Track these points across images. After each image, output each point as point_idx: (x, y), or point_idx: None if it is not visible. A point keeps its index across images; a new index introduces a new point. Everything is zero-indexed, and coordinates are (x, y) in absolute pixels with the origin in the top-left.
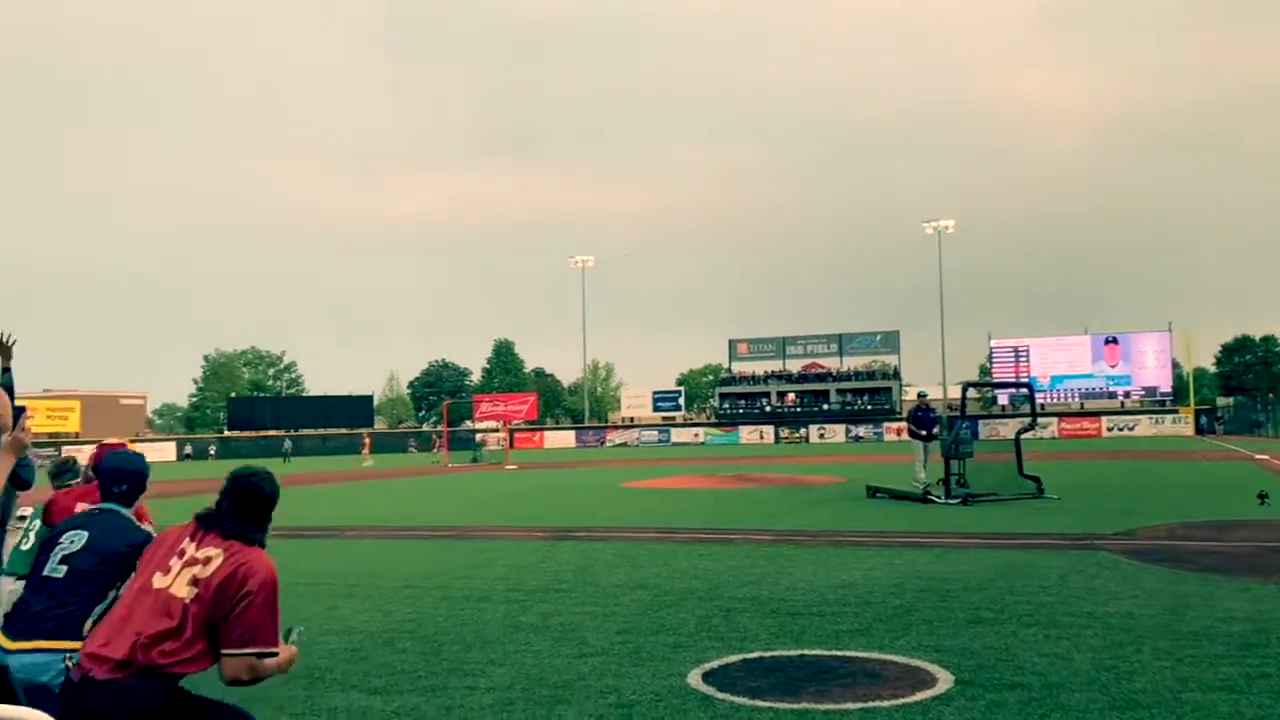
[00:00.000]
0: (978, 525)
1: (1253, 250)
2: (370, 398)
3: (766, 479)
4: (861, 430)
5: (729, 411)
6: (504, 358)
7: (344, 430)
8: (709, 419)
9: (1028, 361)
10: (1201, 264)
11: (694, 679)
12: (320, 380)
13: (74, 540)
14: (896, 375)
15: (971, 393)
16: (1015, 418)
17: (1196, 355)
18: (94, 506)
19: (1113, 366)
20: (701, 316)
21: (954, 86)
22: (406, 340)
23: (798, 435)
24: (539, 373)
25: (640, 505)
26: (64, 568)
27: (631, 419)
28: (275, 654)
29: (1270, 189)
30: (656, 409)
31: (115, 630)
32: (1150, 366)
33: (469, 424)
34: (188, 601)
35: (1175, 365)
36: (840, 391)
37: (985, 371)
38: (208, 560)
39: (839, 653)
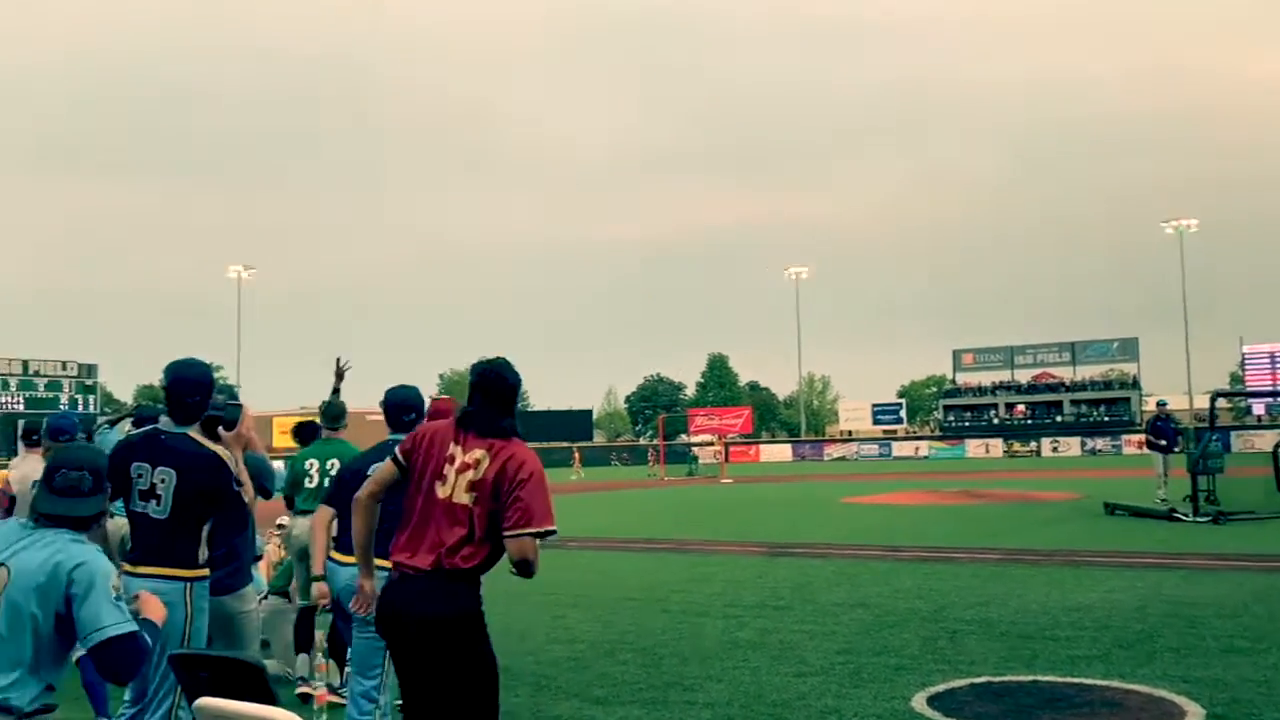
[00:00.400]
0: (1231, 546)
1: None
2: (589, 412)
3: (994, 495)
4: (1098, 443)
5: (953, 424)
6: (718, 371)
7: (565, 444)
8: (932, 432)
9: None
10: None
11: (918, 703)
12: (543, 395)
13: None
14: (1135, 385)
15: (1221, 403)
16: (1273, 429)
17: None
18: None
19: None
20: (922, 326)
21: (1195, 81)
22: (623, 355)
23: (1028, 449)
24: (753, 386)
25: (860, 521)
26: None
27: (850, 432)
28: (553, 532)
29: None
30: (876, 422)
31: (417, 542)
32: None
33: (684, 437)
34: (471, 506)
35: None
36: (1074, 402)
37: (1237, 379)
38: (477, 463)
39: (1075, 680)
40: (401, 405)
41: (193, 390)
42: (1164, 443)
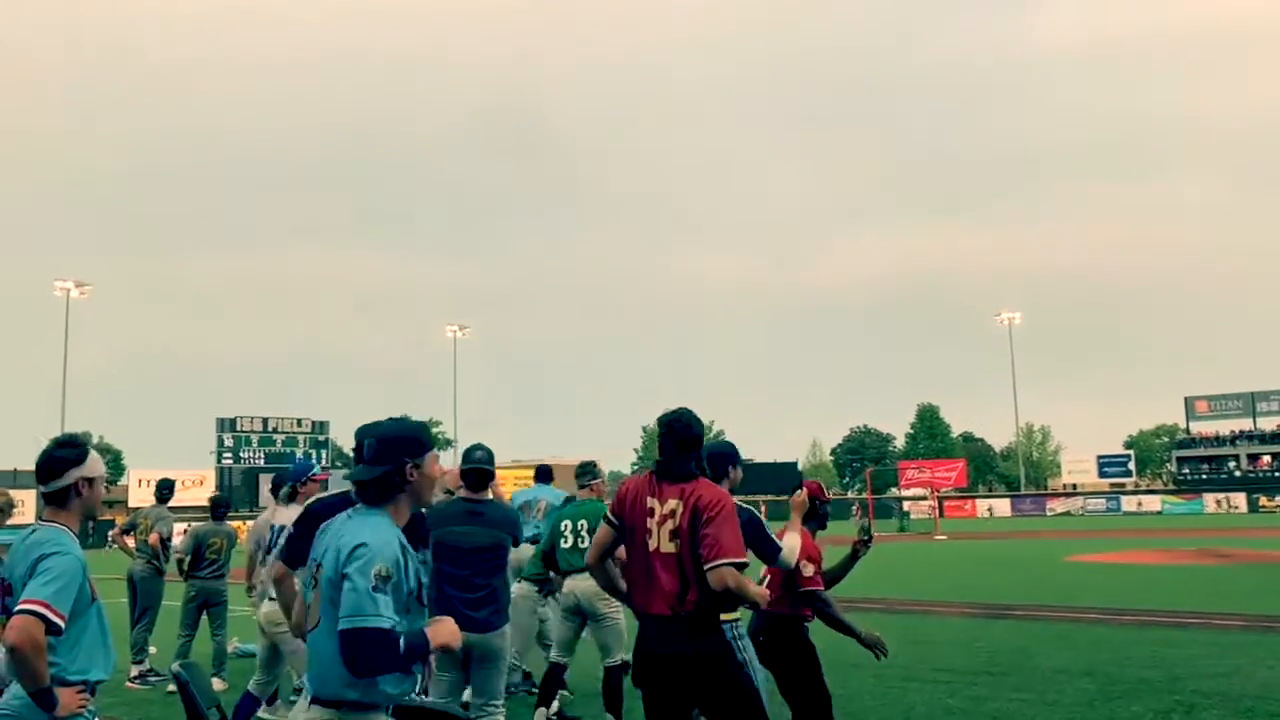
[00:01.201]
0: None
1: None
2: (794, 464)
3: (1239, 554)
4: None
5: (1189, 476)
6: (928, 422)
7: (771, 496)
8: (1165, 485)
9: None
10: None
11: None
12: (749, 447)
13: None
14: None
15: None
16: None
17: None
18: None
19: None
20: (1148, 373)
21: None
22: (828, 406)
23: (1276, 504)
24: (967, 437)
25: (1086, 581)
26: None
27: (1074, 485)
28: (745, 563)
29: None
30: (1103, 475)
31: (646, 592)
32: None
33: (894, 491)
34: (678, 553)
35: None
36: None
37: None
38: (673, 513)
39: None
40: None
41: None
42: None
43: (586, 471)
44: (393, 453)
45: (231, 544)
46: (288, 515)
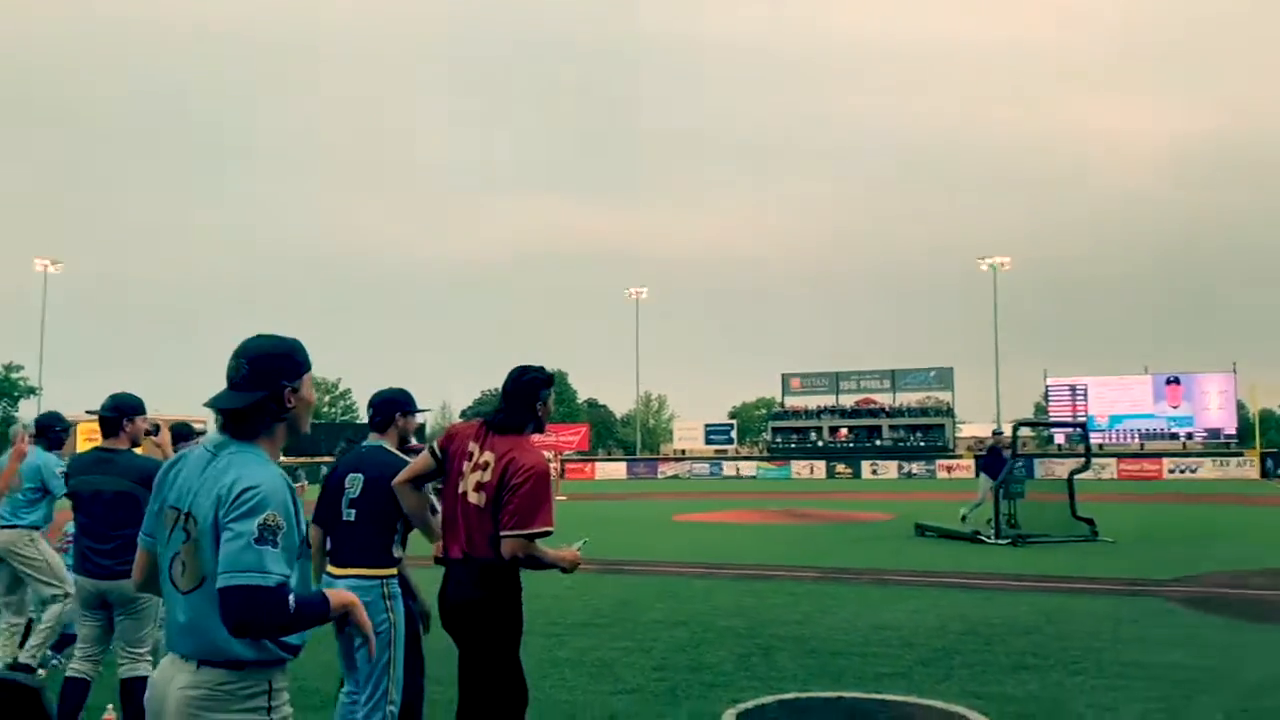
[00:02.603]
0: (1028, 567)
1: None
2: (422, 426)
3: (816, 515)
4: (914, 467)
5: (781, 445)
6: (556, 388)
7: None
8: (761, 453)
9: (1085, 400)
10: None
11: (728, 719)
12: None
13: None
14: (950, 412)
15: (1026, 431)
16: (1072, 457)
17: (1263, 397)
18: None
19: (1174, 407)
20: (755, 350)
21: (1015, 122)
22: (460, 371)
23: (849, 470)
24: (591, 404)
25: (689, 539)
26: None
27: (684, 451)
28: (548, 532)
29: None
30: (709, 442)
31: (449, 535)
32: (1213, 408)
33: None
34: (481, 506)
35: (1240, 407)
36: (893, 427)
37: (1041, 410)
38: (486, 465)
39: (877, 696)
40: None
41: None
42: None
43: (180, 435)
44: (268, 376)
45: None
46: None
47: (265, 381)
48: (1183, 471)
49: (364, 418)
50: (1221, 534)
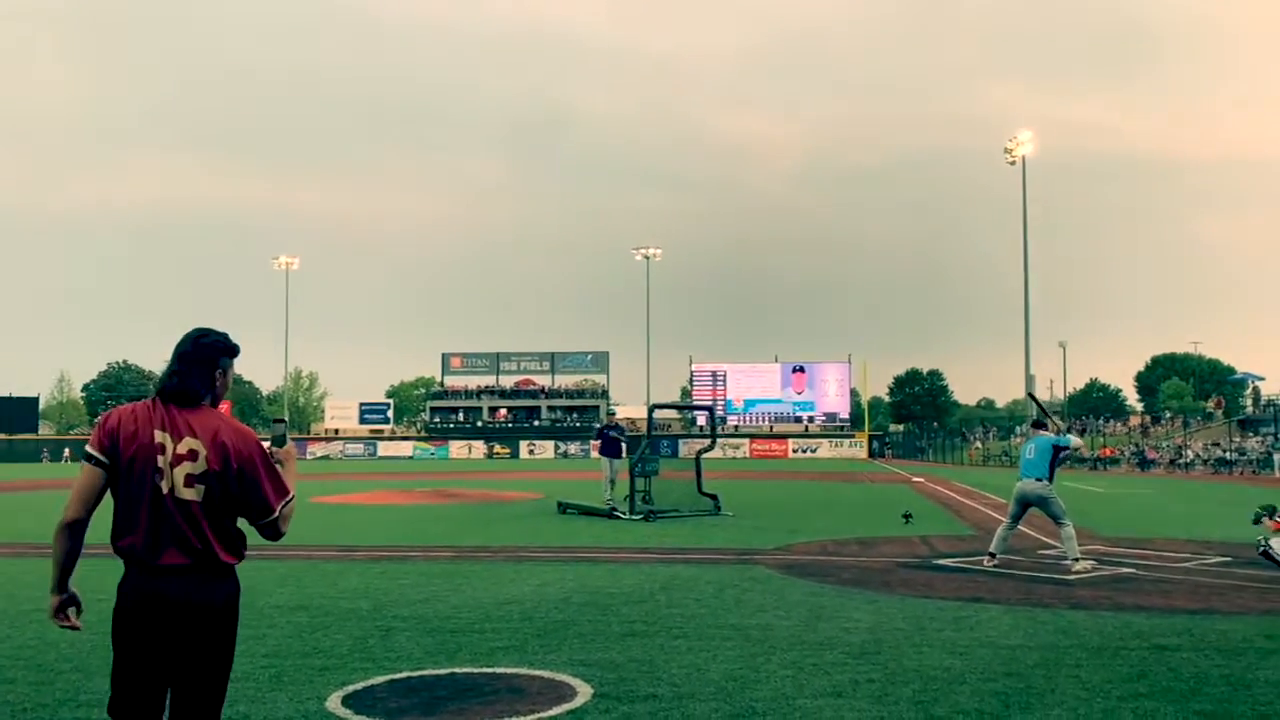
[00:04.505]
0: (655, 540)
1: (927, 293)
2: (35, 400)
3: (464, 494)
4: (571, 447)
5: (440, 425)
6: None
7: (2, 435)
8: (419, 433)
9: (724, 385)
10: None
11: (333, 702)
12: None
13: None
14: (605, 394)
15: (672, 413)
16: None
17: (873, 386)
18: None
19: (799, 393)
20: (413, 328)
21: (671, 121)
22: (83, 340)
23: (508, 450)
24: (236, 380)
25: (326, 522)
26: None
27: (336, 431)
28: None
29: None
30: (364, 421)
31: (150, 540)
32: (832, 394)
33: None
34: (200, 500)
35: (854, 394)
36: (551, 408)
37: (686, 393)
38: (193, 453)
39: (490, 670)
40: None
41: None
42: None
43: None
44: None
45: None
46: None
47: None
48: (805, 451)
49: None
50: (824, 508)
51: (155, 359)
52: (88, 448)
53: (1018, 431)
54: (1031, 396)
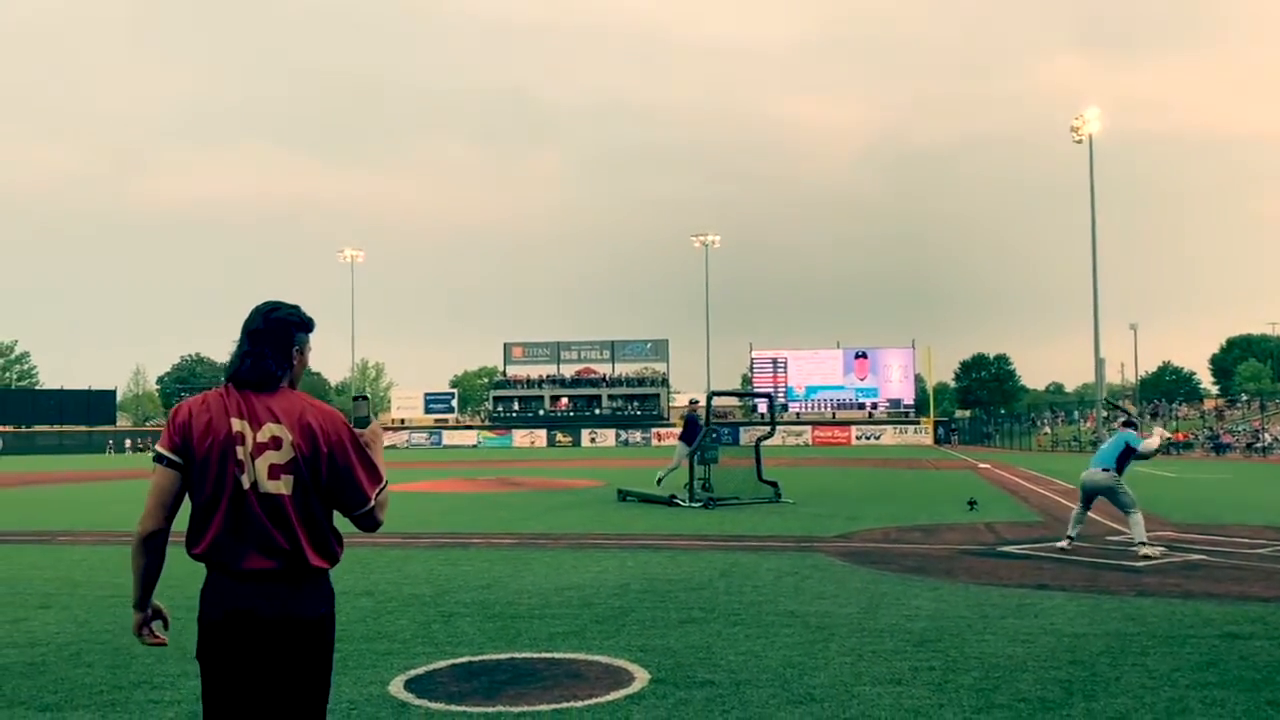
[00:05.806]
0: (714, 528)
1: (992, 276)
2: (112, 393)
3: (526, 483)
4: (632, 435)
5: (502, 414)
6: None
7: (82, 427)
8: (483, 422)
9: (785, 372)
10: (945, 286)
11: (396, 686)
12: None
13: None
14: (665, 382)
15: (733, 401)
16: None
17: (938, 371)
18: None
19: (861, 379)
20: (476, 319)
21: (730, 108)
22: (157, 334)
23: (569, 439)
24: (306, 371)
25: (392, 509)
26: None
27: (402, 420)
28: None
29: (1010, 225)
30: (429, 411)
31: (231, 544)
32: (896, 380)
33: None
34: (290, 494)
35: (919, 380)
36: (612, 397)
37: (747, 380)
38: (277, 441)
39: (548, 655)
40: None
41: None
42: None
43: None
44: None
45: None
46: None
47: None
48: (869, 438)
49: (45, 383)
50: (887, 495)
51: (226, 352)
52: (159, 447)
53: (1080, 415)
54: (1117, 405)
